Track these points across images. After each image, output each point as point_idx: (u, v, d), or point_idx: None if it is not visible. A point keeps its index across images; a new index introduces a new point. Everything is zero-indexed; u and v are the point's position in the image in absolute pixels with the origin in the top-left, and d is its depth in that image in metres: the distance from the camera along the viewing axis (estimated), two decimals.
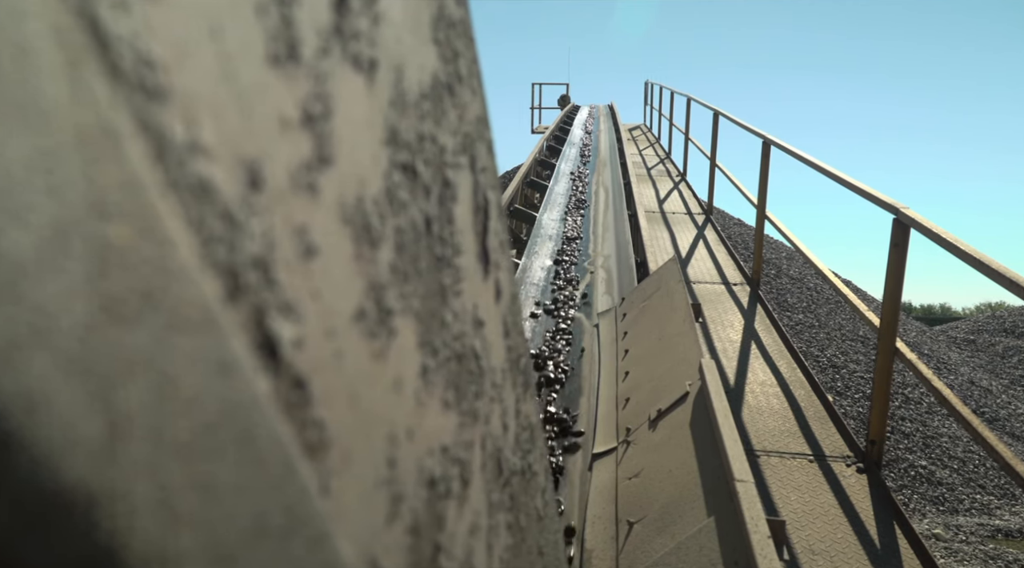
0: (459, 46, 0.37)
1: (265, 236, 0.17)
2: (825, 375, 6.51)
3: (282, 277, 0.18)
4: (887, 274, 2.42)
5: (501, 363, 0.46)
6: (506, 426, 0.47)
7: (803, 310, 7.66)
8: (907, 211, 2.32)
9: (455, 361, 0.36)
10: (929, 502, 5.53)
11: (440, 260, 0.34)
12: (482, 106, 0.42)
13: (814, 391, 3.05)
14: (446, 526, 0.34)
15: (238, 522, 0.15)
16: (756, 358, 3.38)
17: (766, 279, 7.94)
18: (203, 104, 0.15)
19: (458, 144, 0.37)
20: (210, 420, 0.14)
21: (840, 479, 2.47)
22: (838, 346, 7.13)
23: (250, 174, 0.17)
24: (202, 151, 0.15)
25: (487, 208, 0.43)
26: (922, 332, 9.27)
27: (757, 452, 2.63)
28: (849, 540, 2.17)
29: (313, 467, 0.19)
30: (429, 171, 0.32)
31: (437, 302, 0.33)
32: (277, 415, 0.17)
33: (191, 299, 0.14)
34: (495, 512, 0.44)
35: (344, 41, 0.23)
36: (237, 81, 0.16)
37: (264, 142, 0.17)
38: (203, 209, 0.15)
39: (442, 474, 0.33)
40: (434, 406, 0.33)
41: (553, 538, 0.65)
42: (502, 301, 0.46)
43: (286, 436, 0.17)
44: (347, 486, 0.22)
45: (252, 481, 0.16)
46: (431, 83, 0.33)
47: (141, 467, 0.13)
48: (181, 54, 0.15)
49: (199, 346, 0.14)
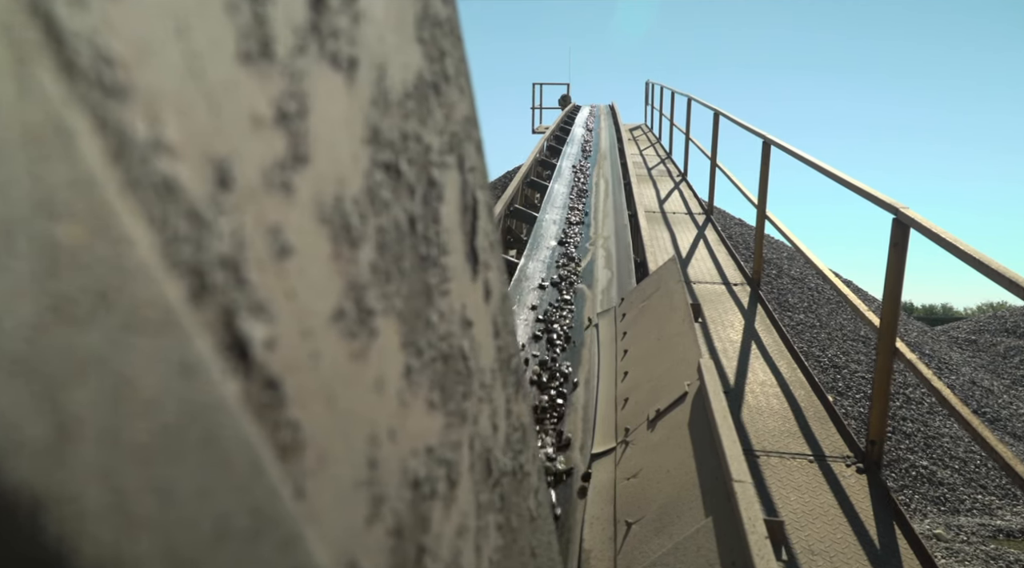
0: (446, 45, 0.37)
1: (235, 235, 0.17)
2: (826, 375, 6.50)
3: (253, 277, 0.18)
4: (887, 274, 2.42)
5: (491, 363, 0.46)
6: (496, 426, 0.47)
7: (804, 310, 7.66)
8: (907, 211, 2.32)
9: (441, 361, 0.35)
10: (930, 502, 5.53)
11: (425, 260, 0.33)
12: (470, 106, 0.42)
13: (814, 391, 3.04)
14: (431, 527, 0.34)
15: (200, 525, 0.15)
16: (756, 358, 3.38)
17: (767, 279, 7.93)
18: (168, 102, 0.15)
19: (445, 143, 0.37)
20: (170, 422, 0.14)
21: (840, 479, 2.46)
22: (839, 346, 7.12)
23: (219, 173, 0.17)
24: (166, 149, 0.15)
25: (476, 208, 0.42)
26: (923, 332, 9.26)
27: (757, 452, 2.63)
28: (849, 540, 2.16)
29: (286, 468, 0.19)
30: (413, 170, 0.32)
31: (422, 302, 0.33)
32: (246, 416, 0.17)
33: (150, 299, 0.14)
34: (484, 513, 0.44)
35: (322, 39, 0.23)
36: (205, 79, 0.16)
37: (234, 140, 0.17)
38: (167, 208, 0.15)
39: (427, 475, 0.33)
40: (419, 407, 0.32)
41: (546, 539, 0.65)
42: (492, 301, 0.46)
43: (255, 437, 0.17)
44: (324, 487, 0.22)
45: (216, 483, 0.15)
46: (416, 82, 0.33)
47: (93, 470, 0.13)
48: (143, 51, 0.14)
49: (158, 347, 0.14)
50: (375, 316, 0.27)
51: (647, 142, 11.05)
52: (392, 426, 0.29)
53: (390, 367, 0.29)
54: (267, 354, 0.18)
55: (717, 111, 5.76)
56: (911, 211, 2.31)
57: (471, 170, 0.42)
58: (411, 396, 0.32)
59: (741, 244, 8.06)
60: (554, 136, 9.08)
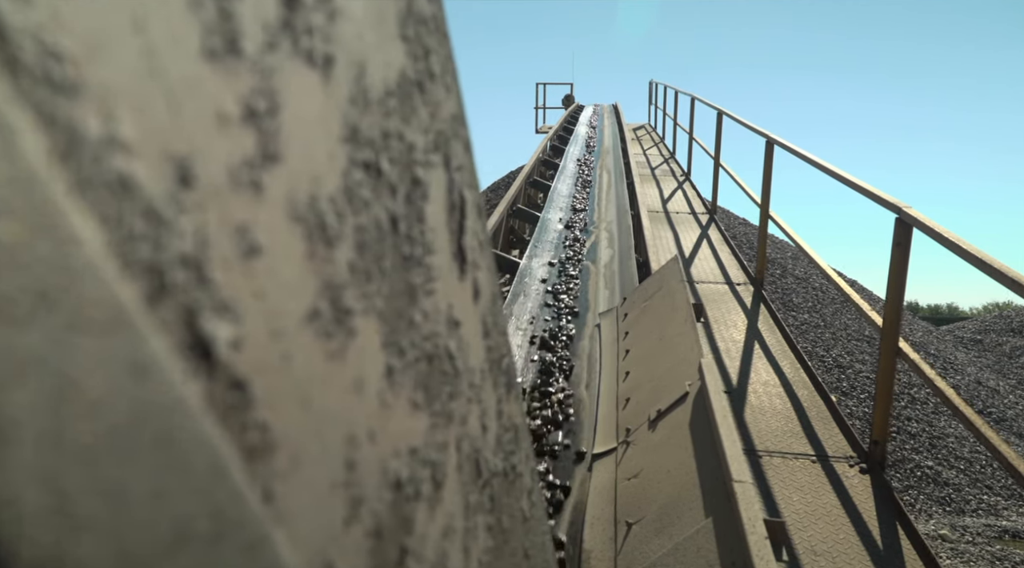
0: (431, 43, 0.37)
1: (198, 234, 0.17)
2: (830, 375, 6.48)
3: (218, 276, 0.18)
4: (890, 274, 2.41)
5: (480, 364, 0.46)
6: (485, 427, 0.47)
7: (808, 310, 7.63)
8: (909, 210, 2.31)
9: (426, 362, 0.35)
10: (935, 503, 5.50)
11: (409, 259, 0.33)
12: (457, 104, 0.41)
13: (817, 391, 3.03)
14: (415, 529, 0.33)
15: (155, 528, 0.15)
16: (759, 358, 3.37)
17: (771, 279, 7.91)
18: (123, 99, 0.15)
19: (430, 142, 0.37)
20: (120, 423, 0.14)
21: (843, 480, 2.45)
22: (843, 346, 7.10)
23: (180, 170, 0.16)
24: (121, 146, 0.15)
25: (463, 207, 0.42)
26: (928, 332, 9.23)
27: (759, 452, 2.62)
28: (851, 541, 2.16)
29: (254, 470, 0.19)
30: (396, 169, 0.32)
31: (405, 302, 0.33)
32: (208, 418, 0.17)
33: (98, 298, 0.14)
34: (473, 514, 0.44)
35: (295, 36, 0.23)
36: (165, 76, 0.16)
37: (197, 138, 0.17)
38: (122, 206, 0.15)
39: (410, 476, 0.33)
40: (401, 407, 0.32)
41: (540, 540, 0.64)
42: (481, 301, 0.46)
43: (218, 439, 0.17)
44: (296, 489, 0.22)
45: (172, 486, 0.15)
46: (398, 80, 0.32)
47: (32, 472, 0.13)
48: (96, 48, 0.14)
49: (107, 347, 0.14)
50: (353, 316, 0.27)
51: (651, 142, 11.04)
52: (372, 427, 0.29)
53: (370, 367, 0.29)
54: (233, 354, 0.18)
55: (720, 111, 5.75)
56: (914, 210, 2.30)
57: (458, 169, 0.41)
58: (392, 397, 0.31)
59: (745, 244, 8.04)
60: (558, 135, 9.26)
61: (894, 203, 2.40)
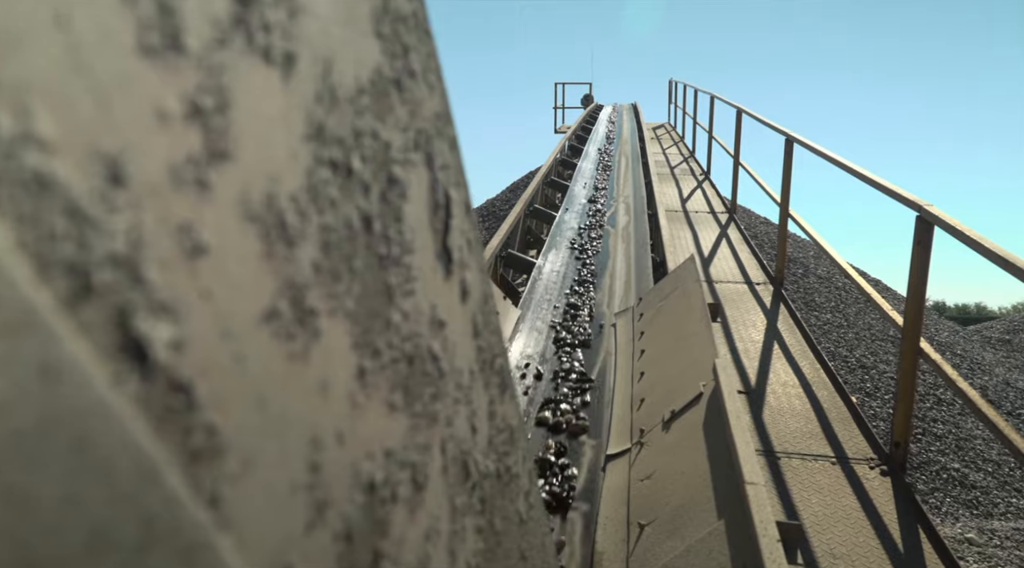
0: (410, 40, 0.37)
1: (131, 234, 0.17)
2: (854, 376, 6.40)
3: (154, 276, 0.17)
4: (910, 272, 2.37)
5: (469, 364, 0.45)
6: (475, 428, 0.47)
7: (831, 310, 7.54)
8: (931, 208, 2.27)
9: (405, 363, 0.35)
10: (962, 506, 5.40)
11: (385, 259, 0.33)
12: (442, 102, 0.41)
13: (837, 392, 2.99)
14: (391, 532, 0.33)
15: (68, 535, 0.14)
16: (778, 358, 3.33)
17: (793, 278, 7.83)
18: (41, 95, 0.15)
19: (410, 141, 0.36)
20: (25, 427, 0.14)
21: (863, 482, 2.42)
22: (867, 346, 7.00)
23: (110, 169, 0.16)
24: (38, 143, 0.15)
25: (449, 206, 0.42)
26: (955, 332, 9.06)
27: (778, 454, 2.59)
28: (871, 544, 2.12)
29: (197, 474, 0.19)
30: (369, 168, 0.32)
31: (380, 302, 0.32)
32: (139, 421, 0.17)
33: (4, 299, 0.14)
34: (460, 516, 0.44)
35: (250, 33, 0.23)
36: (91, 72, 0.16)
37: (131, 136, 0.17)
38: (39, 205, 0.15)
39: (386, 478, 0.33)
40: (375, 409, 0.32)
41: (539, 541, 0.64)
42: (470, 301, 0.45)
43: (149, 442, 0.17)
44: (249, 492, 0.21)
45: (88, 491, 0.15)
46: (372, 78, 0.32)
47: None
48: (9, 44, 0.14)
49: (12, 349, 0.14)
50: (318, 316, 0.27)
51: (670, 141, 10.97)
52: (341, 429, 0.29)
53: (338, 368, 0.29)
54: (173, 356, 0.18)
55: (740, 109, 5.70)
56: (935, 208, 2.26)
57: (443, 168, 0.41)
58: (365, 398, 0.31)
59: (766, 243, 7.96)
60: (578, 132, 9.79)
61: (915, 201, 2.36)
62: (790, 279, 7.72)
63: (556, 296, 3.46)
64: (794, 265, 8.11)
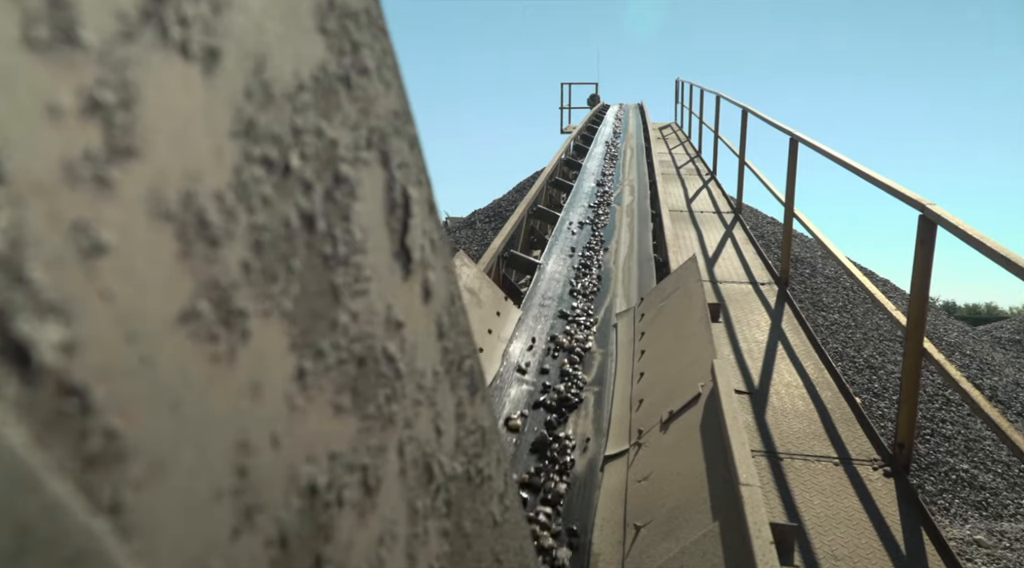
0: (361, 37, 0.36)
1: (10, 232, 0.16)
2: (862, 376, 6.35)
3: (39, 276, 0.17)
4: (913, 272, 2.35)
5: (433, 365, 0.45)
6: (440, 430, 0.46)
7: (839, 309, 7.49)
8: (933, 207, 2.25)
9: (354, 364, 0.34)
10: (971, 507, 5.36)
11: (330, 258, 0.33)
12: (399, 100, 0.41)
13: (841, 392, 2.97)
14: (336, 536, 0.33)
15: None
16: (782, 359, 3.31)
17: (801, 278, 7.78)
18: None
19: (361, 139, 0.36)
20: None
21: (866, 483, 2.40)
22: (875, 346, 6.95)
23: None
24: None
25: (408, 204, 0.41)
26: (964, 332, 8.98)
27: (780, 454, 2.57)
28: (873, 545, 2.11)
29: (92, 480, 0.18)
30: (311, 166, 0.31)
31: (325, 303, 0.32)
32: (18, 426, 0.16)
33: None
34: (422, 519, 0.43)
35: (163, 27, 0.22)
36: None
37: (11, 131, 0.17)
38: None
39: (330, 482, 0.32)
40: (318, 411, 0.32)
41: (515, 544, 0.63)
42: (434, 301, 0.45)
43: (28, 448, 0.16)
44: (158, 498, 0.21)
45: None
46: (315, 74, 0.32)
47: None
48: None
49: None
50: (248, 317, 0.26)
51: (676, 141, 10.94)
52: (276, 431, 0.28)
53: (273, 370, 0.28)
54: (64, 359, 0.18)
55: (745, 108, 5.68)
56: (938, 207, 2.24)
57: (401, 166, 0.41)
58: (306, 400, 0.31)
59: (773, 243, 7.92)
60: (582, 135, 9.79)
61: (917, 200, 2.34)
62: (797, 279, 7.68)
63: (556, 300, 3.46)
64: (801, 265, 8.07)
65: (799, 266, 7.99)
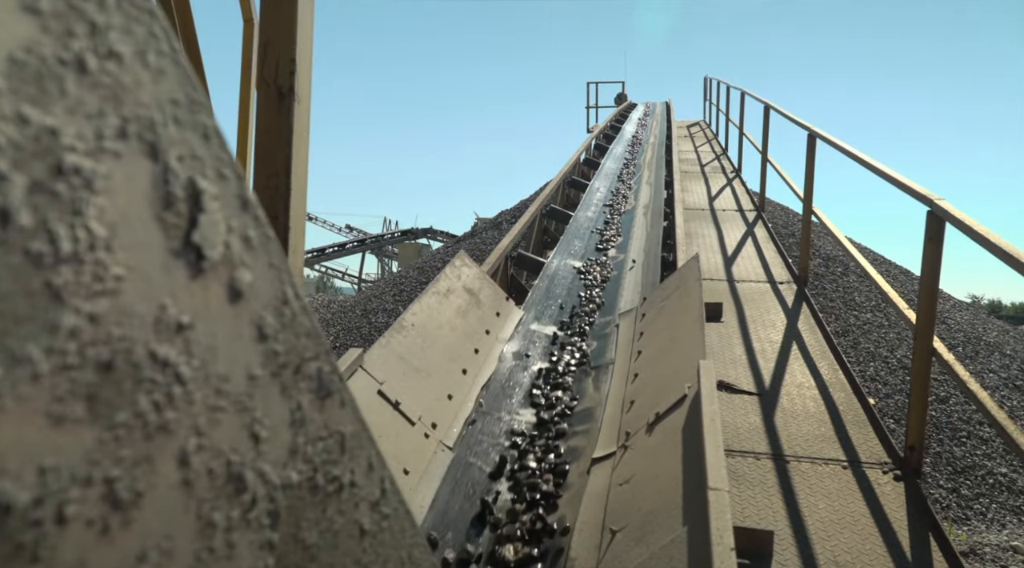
0: (105, 19, 0.35)
1: None
2: (894, 377, 6.17)
3: None
4: (922, 269, 2.27)
5: (247, 369, 0.44)
6: (258, 437, 0.45)
7: (871, 308, 7.29)
8: (941, 203, 2.17)
9: (92, 369, 0.33)
10: (1009, 512, 5.17)
11: (44, 256, 0.31)
12: (180, 88, 0.39)
13: (855, 394, 2.89)
14: (43, 555, 0.31)
15: None
16: (796, 359, 3.23)
17: (832, 276, 7.60)
18: None
19: (109, 129, 0.35)
20: None
21: (874, 487, 2.32)
22: (909, 346, 6.75)
23: None
24: None
25: (198, 199, 0.40)
26: (1004, 332, 8.67)
27: (787, 457, 2.51)
28: (878, 552, 2.04)
29: None
30: (5, 156, 0.30)
31: (33, 304, 0.31)
32: None
33: None
34: (222, 532, 0.42)
35: None
36: None
37: None
38: None
39: (38, 498, 0.31)
40: (25, 422, 0.30)
41: (399, 554, 0.62)
42: (247, 302, 0.44)
43: None
44: None
45: None
46: (15, 58, 0.31)
47: None
48: None
49: None
50: None
51: (703, 138, 10.79)
52: None
53: None
54: None
55: (767, 105, 5.57)
56: (946, 203, 2.16)
57: (184, 158, 0.39)
58: None
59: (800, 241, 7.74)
60: (609, 128, 10.01)
61: (925, 195, 2.26)
62: (829, 278, 7.50)
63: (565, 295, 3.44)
64: (832, 263, 7.88)
65: (831, 264, 7.80)
